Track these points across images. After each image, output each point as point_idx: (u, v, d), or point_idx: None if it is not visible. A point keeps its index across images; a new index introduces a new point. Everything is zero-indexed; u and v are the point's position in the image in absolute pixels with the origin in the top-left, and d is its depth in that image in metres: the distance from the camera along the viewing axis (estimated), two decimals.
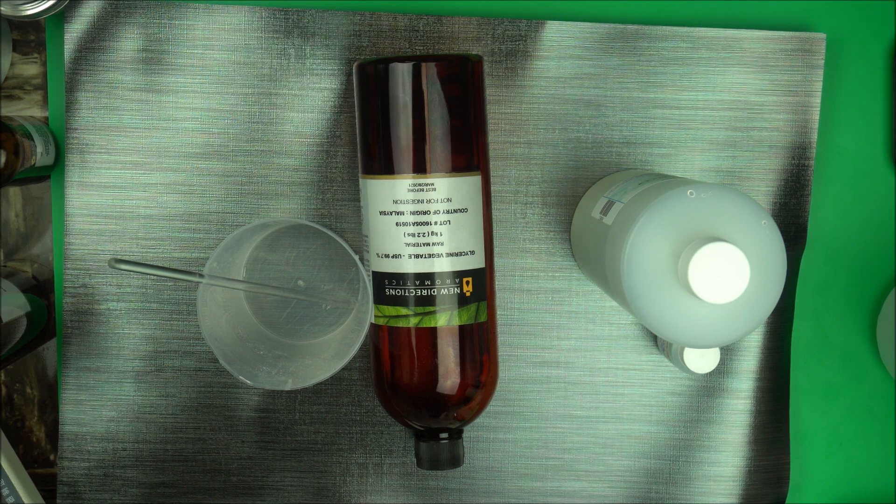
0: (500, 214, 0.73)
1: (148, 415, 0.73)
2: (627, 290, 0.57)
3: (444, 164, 0.65)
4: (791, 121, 0.73)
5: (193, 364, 0.73)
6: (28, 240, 0.74)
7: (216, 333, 0.65)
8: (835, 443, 0.76)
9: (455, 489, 0.74)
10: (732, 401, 0.74)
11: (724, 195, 0.57)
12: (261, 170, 0.72)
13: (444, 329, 0.65)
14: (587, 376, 0.74)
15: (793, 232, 0.73)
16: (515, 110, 0.72)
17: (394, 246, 0.65)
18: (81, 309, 0.72)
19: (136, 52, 0.71)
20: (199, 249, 0.72)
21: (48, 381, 0.74)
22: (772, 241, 0.58)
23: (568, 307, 0.73)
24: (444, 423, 0.67)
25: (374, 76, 0.65)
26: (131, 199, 0.72)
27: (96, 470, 0.72)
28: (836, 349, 0.76)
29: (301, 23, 0.71)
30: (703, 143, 0.73)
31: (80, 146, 0.71)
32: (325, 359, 0.68)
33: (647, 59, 0.72)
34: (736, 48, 0.72)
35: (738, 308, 0.57)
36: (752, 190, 0.73)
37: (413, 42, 0.72)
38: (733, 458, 0.74)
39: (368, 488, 0.74)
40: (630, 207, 0.60)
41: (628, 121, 0.73)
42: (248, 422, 0.73)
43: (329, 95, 0.72)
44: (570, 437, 0.74)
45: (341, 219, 0.72)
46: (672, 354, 0.71)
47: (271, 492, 0.73)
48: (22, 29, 0.73)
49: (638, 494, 0.74)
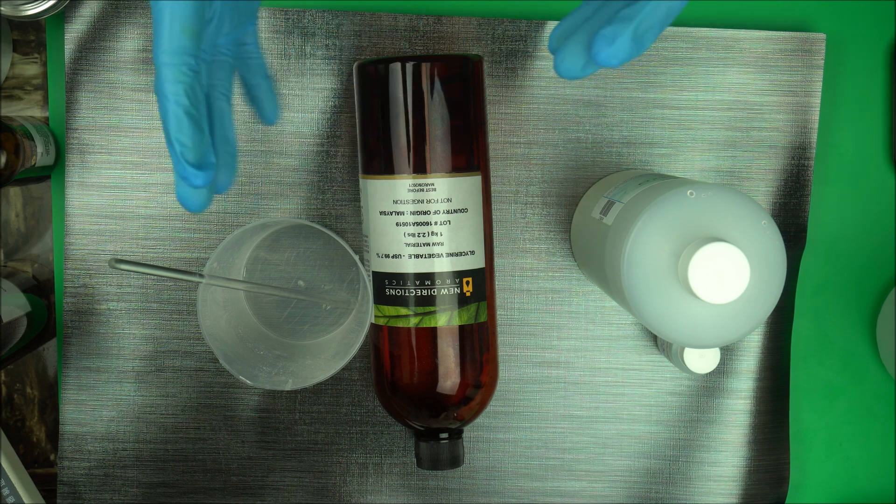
0: (500, 214, 0.73)
1: (148, 415, 0.73)
2: (627, 290, 0.58)
3: (444, 164, 0.65)
4: (791, 121, 0.73)
5: (193, 364, 0.73)
6: (28, 240, 0.74)
7: (216, 333, 0.66)
8: (835, 443, 0.76)
9: (455, 489, 0.74)
10: (732, 401, 0.74)
11: (724, 195, 0.57)
12: (261, 170, 0.72)
13: (444, 329, 0.65)
14: (587, 376, 0.74)
15: (793, 232, 0.73)
16: (515, 110, 0.72)
17: (394, 246, 0.65)
18: (81, 309, 0.72)
19: (136, 52, 0.71)
20: (199, 249, 0.72)
21: (48, 381, 0.74)
22: (772, 241, 0.58)
23: (568, 307, 0.73)
24: (444, 423, 0.67)
25: (374, 76, 0.65)
26: (131, 199, 0.72)
27: (96, 470, 0.72)
28: (836, 349, 0.76)
29: (301, 23, 0.71)
30: (703, 143, 0.73)
31: (80, 146, 0.71)
32: (326, 359, 0.68)
33: (647, 59, 0.72)
34: (736, 48, 0.72)
35: (738, 308, 0.57)
36: (752, 190, 0.73)
37: (413, 42, 0.72)
38: (733, 458, 0.74)
39: (368, 488, 0.74)
40: (630, 207, 0.60)
41: (628, 121, 0.73)
42: (248, 422, 0.73)
43: (329, 95, 0.72)
44: (570, 437, 0.74)
45: (341, 219, 0.72)
46: (672, 354, 0.71)
47: (271, 492, 0.73)
48: (22, 29, 0.73)
49: (638, 494, 0.74)
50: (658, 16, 0.49)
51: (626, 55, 0.49)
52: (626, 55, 0.49)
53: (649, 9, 0.49)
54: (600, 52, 0.49)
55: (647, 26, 0.49)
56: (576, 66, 0.51)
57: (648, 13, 0.49)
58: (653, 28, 0.49)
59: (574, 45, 0.51)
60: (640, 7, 0.49)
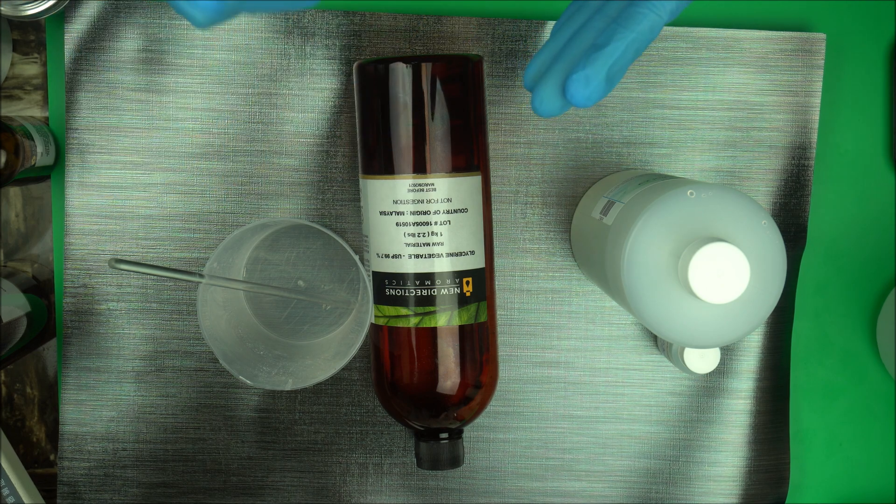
0: (500, 214, 0.73)
1: (148, 415, 0.73)
2: (627, 290, 0.57)
3: (444, 164, 0.65)
4: (791, 121, 0.73)
5: (193, 364, 0.73)
6: (28, 240, 0.74)
7: (216, 333, 0.66)
8: (835, 443, 0.76)
9: (455, 489, 0.74)
10: (732, 401, 0.74)
11: (724, 195, 0.57)
12: (261, 170, 0.72)
13: (444, 329, 0.65)
14: (587, 376, 0.74)
15: (793, 232, 0.73)
16: (515, 110, 0.72)
17: (394, 246, 0.65)
18: (81, 309, 0.72)
19: (136, 52, 0.71)
20: (199, 249, 0.72)
21: (48, 381, 0.74)
22: (772, 241, 0.58)
23: (568, 307, 0.73)
24: (444, 423, 0.67)
25: (374, 76, 0.65)
26: (131, 199, 0.72)
27: (96, 470, 0.72)
28: (836, 349, 0.76)
29: (301, 23, 0.71)
30: (703, 143, 0.73)
31: (80, 146, 0.71)
32: (326, 359, 0.68)
33: (647, 59, 0.72)
34: (736, 48, 0.72)
35: (738, 308, 0.57)
36: (752, 190, 0.73)
37: (413, 42, 0.72)
38: (733, 458, 0.74)
39: (368, 488, 0.74)
40: (630, 207, 0.60)
41: (628, 121, 0.73)
42: (248, 422, 0.73)
43: (329, 95, 0.72)
44: (570, 437, 0.74)
45: (341, 219, 0.72)
46: (672, 354, 0.71)
47: (271, 492, 0.73)
48: (22, 29, 0.73)
49: (638, 494, 0.74)
50: (629, 57, 0.52)
51: (600, 96, 0.51)
52: (600, 96, 0.51)
53: (621, 51, 0.51)
54: (576, 95, 0.51)
55: (619, 67, 0.51)
56: (553, 106, 0.54)
57: (621, 56, 0.51)
58: (624, 68, 0.52)
59: (549, 87, 0.54)
60: (613, 50, 0.51)
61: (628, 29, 0.51)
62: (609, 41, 0.51)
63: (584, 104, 0.51)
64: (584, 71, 0.51)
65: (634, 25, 0.51)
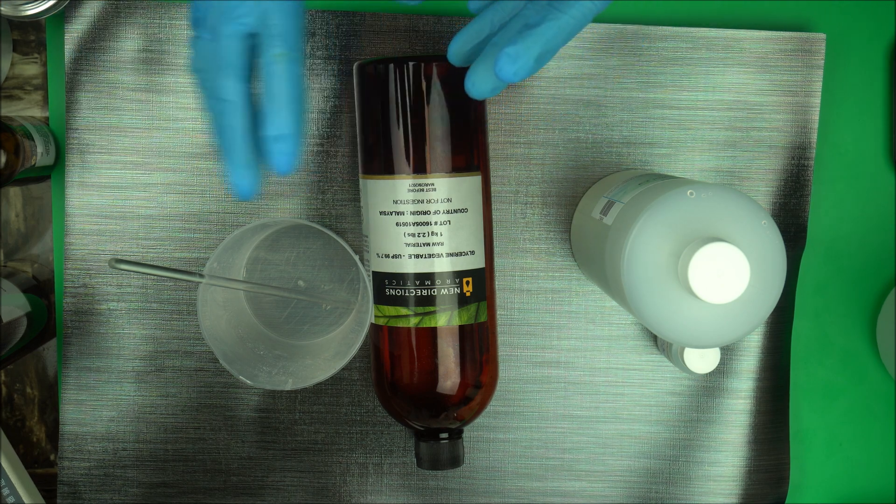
0: (500, 214, 0.73)
1: (148, 415, 0.73)
2: (627, 290, 0.57)
3: (444, 164, 0.65)
4: (791, 121, 0.73)
5: (193, 364, 0.73)
6: (28, 240, 0.74)
7: (216, 333, 0.66)
8: (835, 443, 0.76)
9: (455, 489, 0.74)
10: (732, 401, 0.74)
11: (724, 195, 0.57)
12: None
13: (444, 329, 0.65)
14: (587, 376, 0.74)
15: (793, 232, 0.73)
16: (515, 110, 0.72)
17: (394, 246, 0.65)
18: (81, 309, 0.72)
19: (136, 52, 0.71)
20: (199, 249, 0.72)
21: (48, 381, 0.74)
22: (772, 241, 0.58)
23: (568, 307, 0.73)
24: (444, 423, 0.67)
25: (374, 76, 0.65)
26: (131, 199, 0.72)
27: (96, 470, 0.72)
28: (836, 349, 0.76)
29: None
30: (703, 143, 0.73)
31: (80, 146, 0.71)
32: (326, 359, 0.68)
33: (647, 59, 0.72)
34: (736, 48, 0.72)
35: (738, 308, 0.57)
36: (752, 190, 0.73)
37: (413, 42, 0.72)
38: (733, 458, 0.74)
39: (368, 488, 0.74)
40: (630, 207, 0.60)
41: (628, 121, 0.73)
42: (248, 422, 0.73)
43: (329, 95, 0.72)
44: (570, 437, 0.74)
45: (341, 219, 0.72)
46: (672, 354, 0.71)
47: (271, 492, 0.73)
48: (22, 29, 0.73)
49: (638, 494, 0.74)
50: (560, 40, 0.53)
51: (528, 73, 0.53)
52: (528, 73, 0.53)
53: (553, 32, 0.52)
54: (504, 69, 0.52)
55: (550, 48, 0.53)
56: (486, 87, 0.56)
57: (552, 37, 0.52)
58: (554, 50, 0.53)
59: (483, 69, 0.56)
60: (545, 30, 0.52)
61: (562, 11, 0.52)
62: (542, 21, 0.52)
63: (511, 79, 0.52)
64: (514, 47, 0.52)
65: (568, 9, 0.52)
